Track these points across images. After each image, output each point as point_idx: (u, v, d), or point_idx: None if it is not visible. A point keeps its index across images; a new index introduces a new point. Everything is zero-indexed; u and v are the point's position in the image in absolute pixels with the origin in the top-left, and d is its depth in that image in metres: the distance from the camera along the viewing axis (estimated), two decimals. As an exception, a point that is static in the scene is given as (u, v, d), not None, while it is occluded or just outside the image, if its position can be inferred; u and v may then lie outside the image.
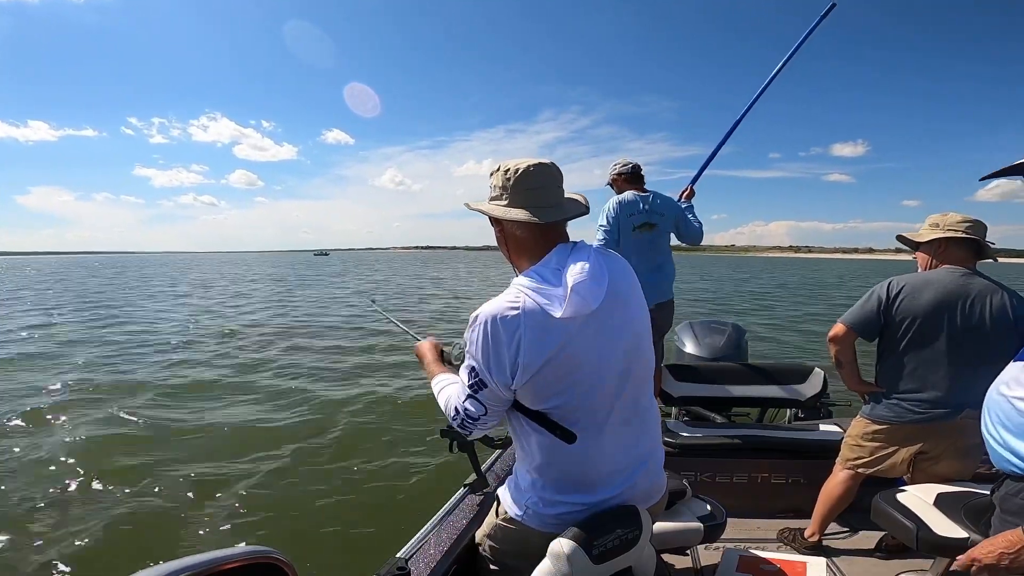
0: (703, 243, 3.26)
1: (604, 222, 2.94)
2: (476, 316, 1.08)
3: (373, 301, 2.23)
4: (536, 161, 1.15)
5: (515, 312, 1.04)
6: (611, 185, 3.10)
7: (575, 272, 1.04)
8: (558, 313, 1.01)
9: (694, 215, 3.15)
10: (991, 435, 1.31)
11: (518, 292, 1.07)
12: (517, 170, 1.13)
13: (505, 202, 1.14)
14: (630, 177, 3.01)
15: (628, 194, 2.95)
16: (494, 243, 1.23)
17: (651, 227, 2.94)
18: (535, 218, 1.10)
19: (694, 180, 3.34)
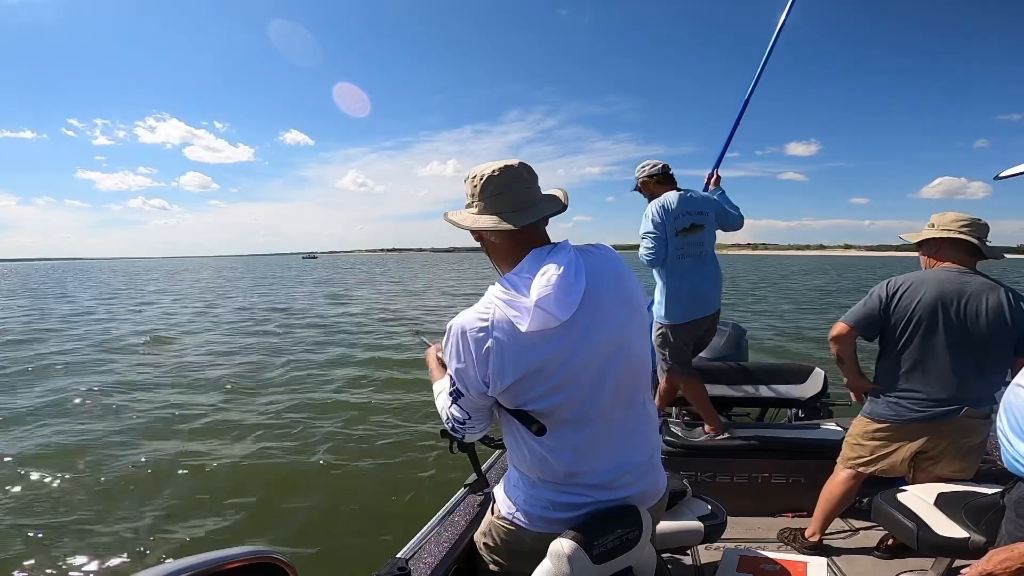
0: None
1: (650, 228, 2.59)
2: (450, 327, 1.07)
3: (417, 333, 2.03)
4: (502, 164, 1.11)
5: (484, 324, 1.02)
6: (639, 190, 2.77)
7: (540, 284, 1.00)
8: (524, 327, 0.99)
9: (729, 202, 2.85)
10: (1005, 436, 1.25)
11: (489, 303, 1.05)
12: (483, 176, 1.10)
13: (476, 210, 1.12)
14: (662, 178, 2.70)
15: (672, 195, 2.61)
16: (459, 244, 1.19)
17: (699, 228, 2.64)
18: (505, 224, 1.06)
19: (717, 164, 3.12)
